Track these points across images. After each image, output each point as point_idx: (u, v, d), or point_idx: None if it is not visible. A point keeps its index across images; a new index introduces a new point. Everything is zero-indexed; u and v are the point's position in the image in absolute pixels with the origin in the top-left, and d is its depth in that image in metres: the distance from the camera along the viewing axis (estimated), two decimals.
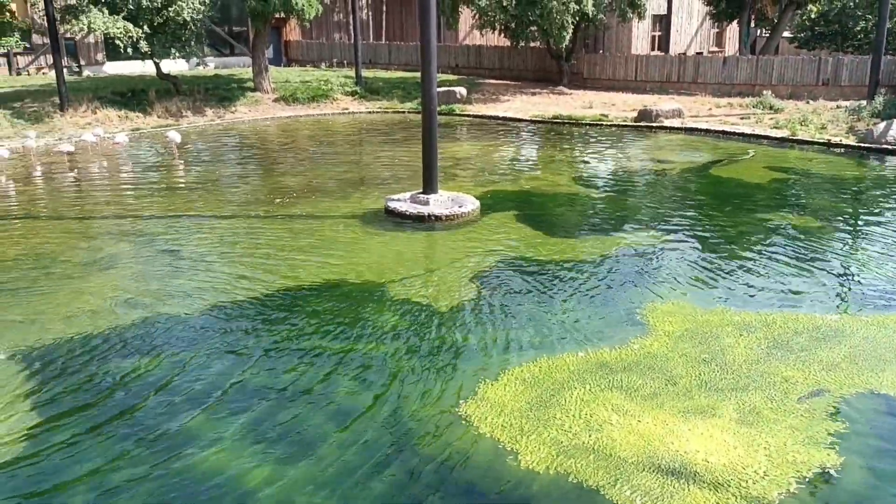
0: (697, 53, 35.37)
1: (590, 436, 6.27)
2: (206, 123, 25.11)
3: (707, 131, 21.68)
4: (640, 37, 33.89)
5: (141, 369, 7.54)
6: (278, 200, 14.25)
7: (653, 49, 34.47)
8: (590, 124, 23.47)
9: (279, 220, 13.14)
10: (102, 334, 8.35)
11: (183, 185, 16.17)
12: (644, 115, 23.47)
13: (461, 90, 28.19)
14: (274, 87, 29.00)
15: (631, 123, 23.15)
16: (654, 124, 22.82)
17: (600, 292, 9.58)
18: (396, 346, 8.00)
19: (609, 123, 23.55)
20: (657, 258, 10.91)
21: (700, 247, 11.46)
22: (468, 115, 25.89)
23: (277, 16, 27.06)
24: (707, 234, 12.09)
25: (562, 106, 26.82)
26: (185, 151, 20.00)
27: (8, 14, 20.86)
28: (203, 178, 16.83)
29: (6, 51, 26.05)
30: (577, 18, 27.61)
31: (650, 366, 7.50)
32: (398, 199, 13.48)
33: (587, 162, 18.26)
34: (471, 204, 13.25)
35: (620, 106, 26.22)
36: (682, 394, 6.95)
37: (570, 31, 27.23)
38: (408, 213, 12.93)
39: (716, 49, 37.39)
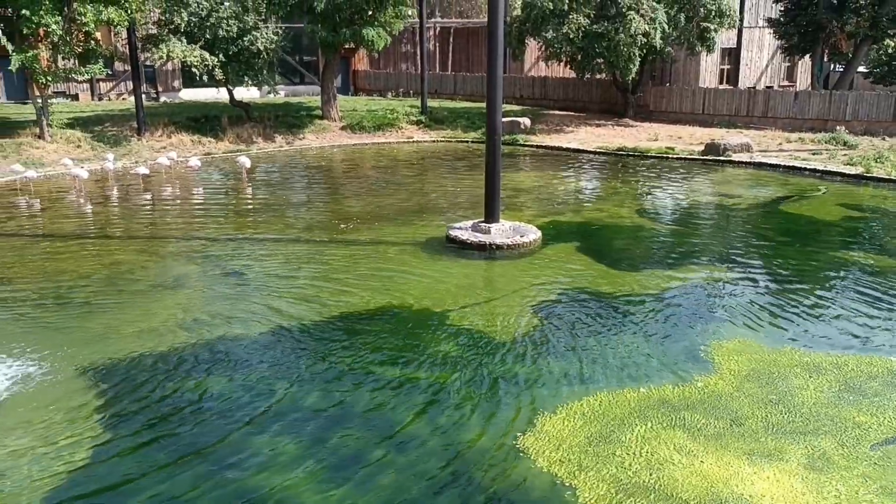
0: (767, 87, 34.68)
1: (650, 475, 6.10)
2: (274, 149, 25.82)
3: (777, 166, 21.15)
4: (709, 70, 33.42)
5: (203, 387, 7.69)
6: (343, 226, 14.40)
7: (721, 82, 33.93)
8: (655, 157, 23.17)
9: (342, 245, 13.25)
10: (169, 351, 8.56)
11: (251, 209, 16.53)
12: (711, 148, 23.04)
13: (525, 120, 28.17)
14: (341, 115, 29.50)
15: (698, 157, 22.75)
16: (721, 158, 22.39)
17: (663, 327, 9.35)
18: (454, 373, 7.95)
19: (675, 157, 23.33)
20: (723, 294, 10.64)
21: (768, 284, 11.14)
22: (531, 146, 25.88)
23: (347, 46, 27.47)
24: (776, 271, 11.76)
25: (627, 138, 26.55)
26: (254, 176, 20.56)
27: (93, 42, 21.73)
28: (270, 203, 17.19)
29: (90, 77, 27.62)
30: (645, 51, 27.41)
31: (714, 405, 7.30)
32: (459, 228, 13.50)
33: (651, 195, 18.05)
34: (532, 234, 13.17)
35: (687, 139, 25.83)
36: (748, 435, 6.72)
37: (637, 63, 27.04)
38: (469, 241, 12.89)
39: (787, 83, 36.63)
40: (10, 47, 20.18)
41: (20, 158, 20.83)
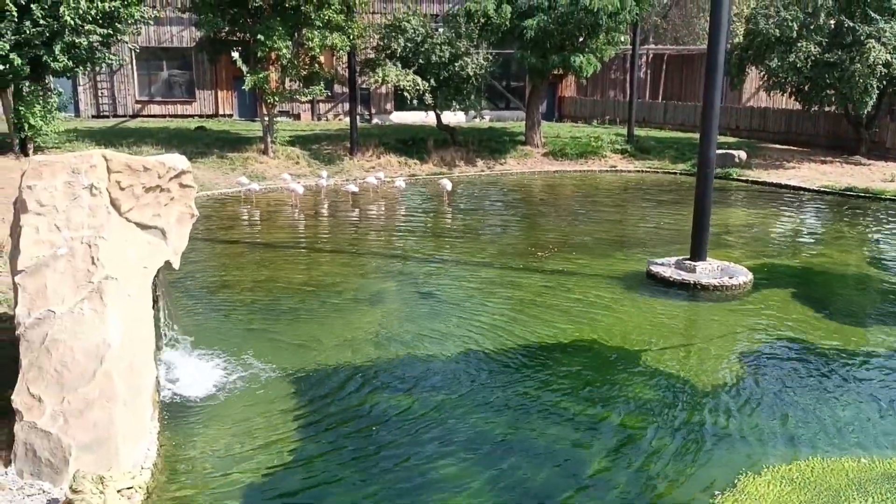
0: None
1: None
2: (476, 174, 26.36)
3: None
4: None
5: (393, 404, 7.89)
6: (539, 254, 14.33)
7: None
8: (890, 199, 21.08)
9: (537, 273, 13.15)
10: (365, 366, 8.90)
11: (449, 231, 16.96)
12: None
13: (741, 154, 26.79)
14: (544, 141, 29.56)
15: None
16: None
17: (891, 392, 8.50)
18: (649, 418, 7.64)
19: None
20: None
21: None
22: (746, 181, 24.79)
23: (555, 72, 27.55)
24: None
25: (857, 177, 24.47)
26: (455, 199, 20.98)
27: (317, 65, 23.46)
28: (468, 226, 17.47)
29: (312, 98, 29.37)
30: (885, 82, 25.13)
31: None
32: (662, 264, 13.01)
33: (883, 241, 16.62)
34: (742, 276, 12.46)
35: None
36: None
37: (875, 95, 24.82)
38: (672, 279, 12.42)
39: None
40: (244, 69, 22.26)
41: (246, 171, 22.80)
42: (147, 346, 6.86)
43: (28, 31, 18.48)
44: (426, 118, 30.88)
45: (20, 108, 19.69)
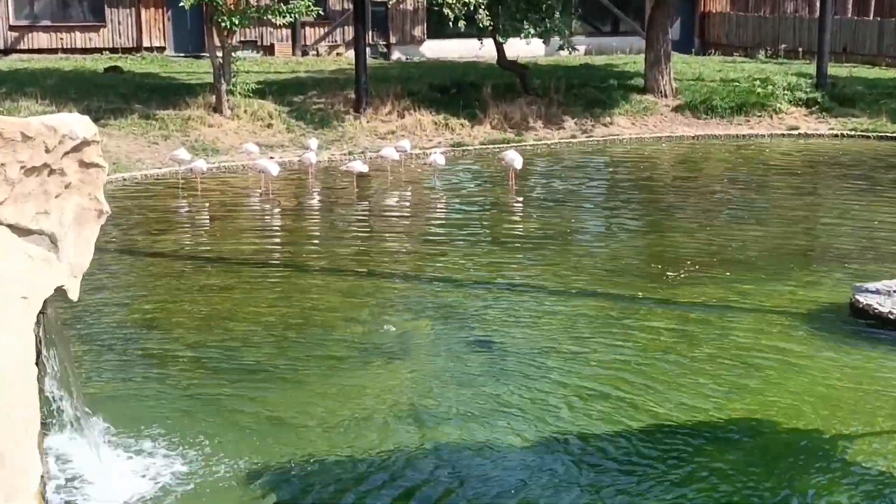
0: None
1: None
2: (562, 140, 21.41)
3: None
4: None
5: None
6: (669, 274, 11.67)
7: None
8: None
9: (665, 305, 10.70)
10: (380, 458, 7.04)
11: (518, 237, 14.09)
12: None
13: None
14: (676, 87, 24.02)
15: None
16: None
17: None
18: None
19: None
20: None
21: None
22: None
23: None
24: None
25: None
26: (527, 183, 17.45)
27: None
28: (548, 229, 14.40)
29: (292, 20, 22.33)
30: None
31: None
32: (876, 292, 10.36)
33: None
34: None
35: None
36: None
37: None
38: (893, 315, 9.79)
39: None
40: None
41: (186, 140, 18.58)
42: (26, 429, 5.62)
43: None
44: (480, 50, 25.08)
45: None
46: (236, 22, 18.15)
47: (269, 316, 10.28)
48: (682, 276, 11.74)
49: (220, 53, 19.00)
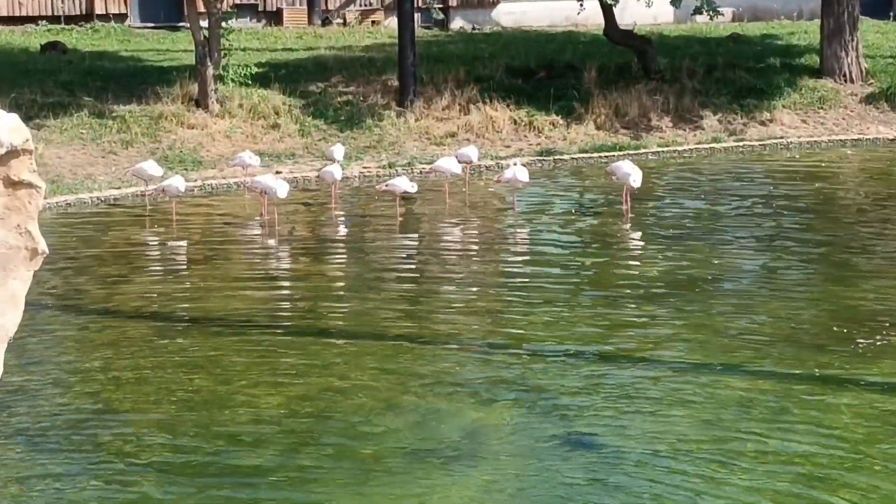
0: None
1: None
2: (699, 146, 18.84)
3: None
4: None
5: None
6: (860, 341, 9.64)
7: None
8: None
9: (851, 388, 8.64)
10: None
11: (635, 286, 11.84)
12: None
13: None
14: (866, 68, 21.49)
15: None
16: None
17: None
18: None
19: None
20: None
21: None
22: None
23: None
24: None
25: None
26: (648, 208, 15.33)
27: None
28: (679, 273, 12.34)
29: None
30: None
31: None
32: None
33: None
34: None
35: None
36: None
37: None
38: None
39: None
40: None
41: (157, 148, 16.54)
42: None
43: None
44: (579, 16, 22.45)
45: None
46: None
47: (273, 400, 8.99)
48: (878, 343, 10.18)
49: (204, 23, 15.94)
